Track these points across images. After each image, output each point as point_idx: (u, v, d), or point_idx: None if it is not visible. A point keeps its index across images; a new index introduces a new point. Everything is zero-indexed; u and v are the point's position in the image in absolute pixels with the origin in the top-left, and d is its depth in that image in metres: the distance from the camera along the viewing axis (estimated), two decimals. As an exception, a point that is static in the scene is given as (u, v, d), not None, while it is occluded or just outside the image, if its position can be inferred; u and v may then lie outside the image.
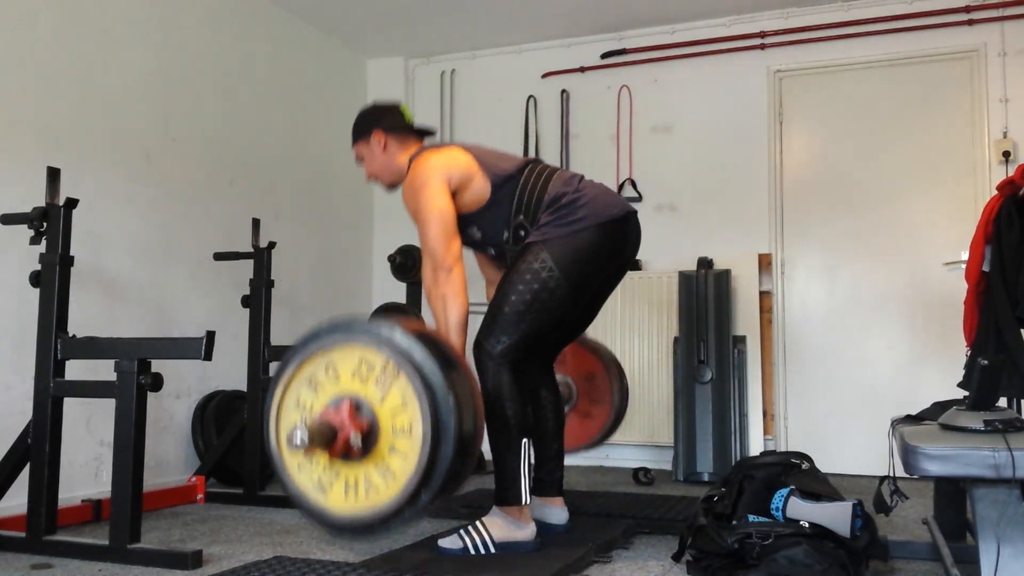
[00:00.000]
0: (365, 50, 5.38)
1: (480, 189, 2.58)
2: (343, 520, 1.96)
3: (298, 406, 1.96)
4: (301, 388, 1.98)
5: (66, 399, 2.71)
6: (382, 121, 2.72)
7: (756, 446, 4.34)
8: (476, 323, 2.53)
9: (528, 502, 2.47)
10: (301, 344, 2.01)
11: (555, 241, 2.50)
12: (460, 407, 1.91)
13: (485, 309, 2.59)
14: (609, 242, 2.57)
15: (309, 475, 1.97)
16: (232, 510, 3.38)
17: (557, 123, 5.10)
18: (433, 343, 1.99)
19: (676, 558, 2.45)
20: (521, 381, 2.54)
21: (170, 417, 3.88)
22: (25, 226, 2.71)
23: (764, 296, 4.58)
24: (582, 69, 5.07)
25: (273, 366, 3.61)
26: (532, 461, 2.50)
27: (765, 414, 4.47)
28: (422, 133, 2.79)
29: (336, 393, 1.93)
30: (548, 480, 2.75)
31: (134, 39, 3.81)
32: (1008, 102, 4.27)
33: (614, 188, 4.89)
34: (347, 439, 1.86)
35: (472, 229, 2.63)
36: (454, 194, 2.55)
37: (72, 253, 2.70)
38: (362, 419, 1.89)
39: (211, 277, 4.11)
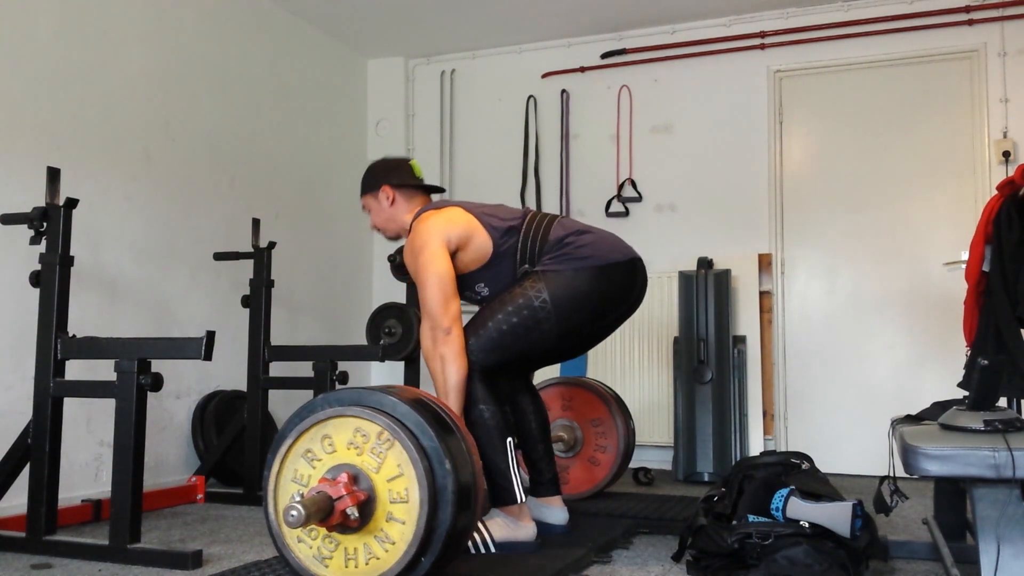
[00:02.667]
0: (365, 50, 5.38)
1: (482, 245, 2.57)
2: None
3: (295, 479, 1.97)
4: (298, 462, 1.99)
5: (66, 399, 2.71)
6: (391, 177, 2.73)
7: (756, 446, 4.34)
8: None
9: (523, 500, 2.48)
10: (296, 417, 2.02)
11: (554, 275, 2.50)
12: (457, 470, 1.92)
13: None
14: (610, 287, 2.56)
15: (308, 547, 1.97)
16: (232, 510, 3.38)
17: (557, 123, 5.10)
18: (427, 407, 2.00)
19: (676, 558, 2.45)
20: (494, 385, 2.54)
21: (170, 417, 3.88)
22: (25, 226, 2.70)
23: (764, 296, 4.58)
24: (582, 69, 5.07)
25: (273, 366, 3.63)
26: (520, 460, 2.51)
27: (765, 414, 4.47)
28: (430, 190, 2.79)
29: (332, 464, 1.95)
30: (541, 481, 2.75)
31: (134, 39, 3.81)
32: (1008, 102, 4.27)
33: (614, 188, 4.89)
34: (343, 511, 1.87)
35: (479, 286, 2.62)
36: (455, 253, 2.55)
37: (72, 253, 2.70)
38: (359, 490, 1.90)
39: (211, 277, 4.11)
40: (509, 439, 2.48)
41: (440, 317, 2.45)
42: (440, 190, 2.85)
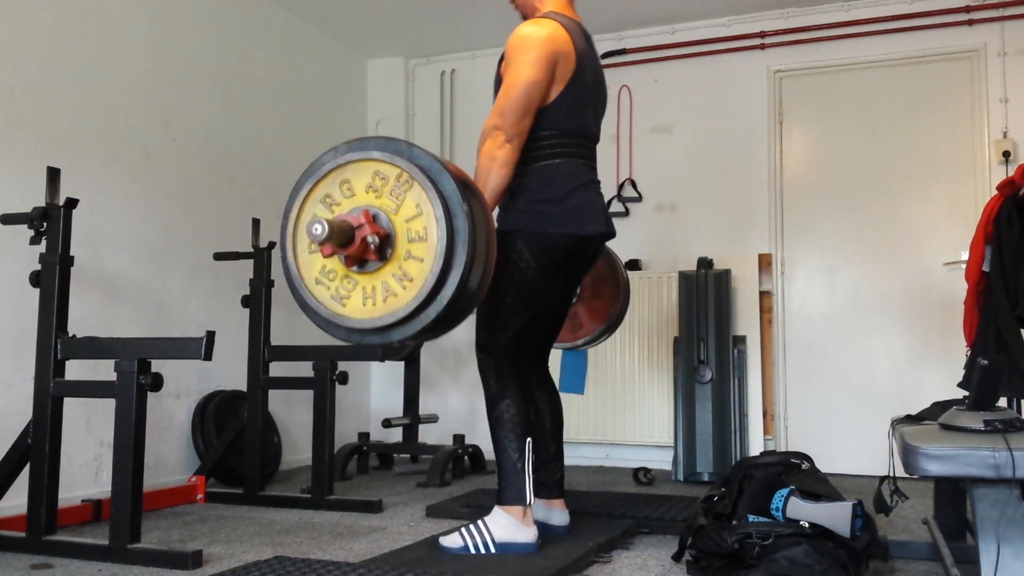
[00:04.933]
0: (365, 50, 5.38)
1: (545, 99, 2.52)
2: (360, 324, 2.01)
3: None
4: (316, 207, 2.05)
5: (66, 399, 2.71)
6: None
7: (756, 446, 4.34)
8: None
9: (531, 503, 2.47)
10: (315, 165, 2.08)
11: (528, 235, 2.50)
12: (473, 213, 1.96)
13: None
14: (574, 251, 2.58)
15: (326, 288, 2.03)
16: (232, 510, 3.38)
17: (557, 123, 5.09)
18: (444, 161, 2.05)
19: (676, 558, 2.45)
20: (522, 378, 2.54)
21: (170, 417, 3.88)
22: (25, 226, 2.70)
23: (764, 296, 4.58)
24: (582, 69, 5.05)
25: (274, 366, 3.63)
26: (533, 463, 2.50)
27: (765, 414, 4.47)
28: None
29: (352, 207, 1.99)
30: (548, 482, 2.75)
31: (134, 39, 3.81)
32: (1008, 102, 4.27)
33: (614, 189, 4.88)
34: (364, 238, 1.90)
35: None
36: None
37: (72, 253, 2.70)
38: (379, 227, 1.95)
39: (211, 277, 4.11)
40: (528, 440, 2.48)
41: (511, 125, 2.43)
42: None
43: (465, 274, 1.93)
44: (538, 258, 2.50)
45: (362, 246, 1.92)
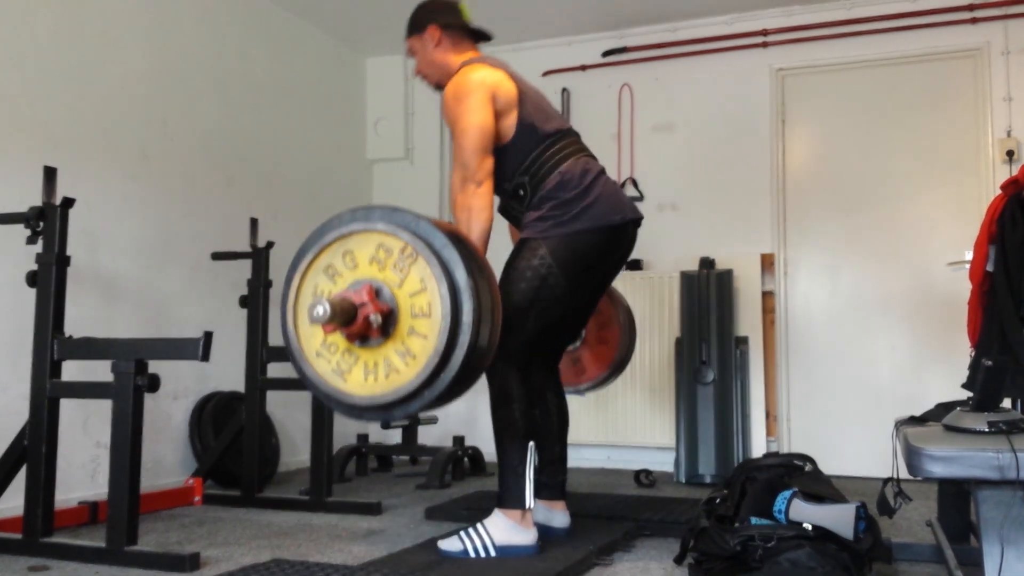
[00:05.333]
0: (365, 49, 5.36)
1: (508, 127, 2.55)
2: (362, 401, 1.98)
3: (315, 295, 1.98)
4: (318, 277, 2.02)
5: (63, 400, 2.70)
6: (438, 17, 2.72)
7: (758, 447, 4.32)
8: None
9: (531, 507, 2.45)
10: (317, 233, 2.04)
11: (553, 240, 2.49)
12: (479, 288, 1.93)
13: None
14: (605, 246, 2.57)
15: (327, 362, 1.99)
16: (230, 512, 3.37)
17: (558, 122, 5.08)
18: (449, 228, 2.03)
19: (678, 561, 2.43)
20: (528, 383, 2.52)
21: (167, 418, 3.86)
22: (22, 225, 2.69)
23: (767, 296, 4.56)
24: (583, 67, 5.05)
25: (272, 367, 3.61)
26: (536, 464, 2.49)
27: (767, 415, 4.45)
28: (478, 36, 2.77)
29: (354, 280, 1.96)
30: (551, 483, 2.73)
31: (132, 38, 3.79)
32: (1011, 101, 4.25)
33: (615, 188, 4.86)
34: (367, 317, 1.87)
35: None
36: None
37: (69, 253, 2.69)
38: (382, 302, 1.92)
39: (209, 277, 4.09)
40: (531, 443, 2.46)
41: (475, 170, 2.44)
42: (488, 37, 2.80)
43: (470, 352, 1.90)
44: (564, 264, 2.48)
45: (364, 324, 1.89)
